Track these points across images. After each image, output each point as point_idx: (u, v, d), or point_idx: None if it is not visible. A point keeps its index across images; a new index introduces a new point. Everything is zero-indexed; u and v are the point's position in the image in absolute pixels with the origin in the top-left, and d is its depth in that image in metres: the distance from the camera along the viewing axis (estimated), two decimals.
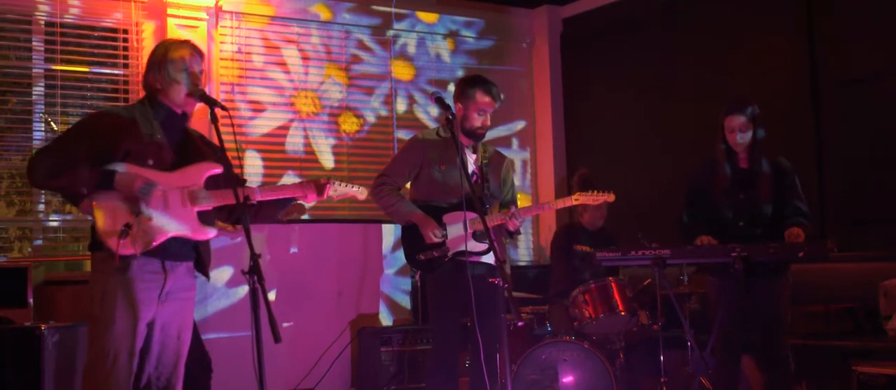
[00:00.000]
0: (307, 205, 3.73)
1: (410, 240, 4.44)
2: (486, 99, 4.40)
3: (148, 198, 3.28)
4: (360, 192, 3.82)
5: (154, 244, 3.29)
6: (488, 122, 4.47)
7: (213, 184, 3.48)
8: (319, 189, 3.62)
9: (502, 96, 4.51)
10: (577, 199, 4.52)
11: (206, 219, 3.46)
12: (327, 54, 6.76)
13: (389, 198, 4.46)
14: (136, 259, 3.28)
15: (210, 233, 3.46)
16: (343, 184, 3.72)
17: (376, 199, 4.50)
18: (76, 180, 3.24)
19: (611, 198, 4.51)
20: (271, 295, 5.80)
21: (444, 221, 4.36)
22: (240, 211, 3.57)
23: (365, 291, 6.51)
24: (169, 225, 3.33)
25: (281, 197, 3.63)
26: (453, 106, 4.41)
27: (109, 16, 5.97)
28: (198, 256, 3.52)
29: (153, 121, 3.41)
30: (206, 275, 3.56)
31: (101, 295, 3.27)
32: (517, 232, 4.49)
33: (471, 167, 4.45)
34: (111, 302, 3.24)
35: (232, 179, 3.44)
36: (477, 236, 4.33)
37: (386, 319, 6.58)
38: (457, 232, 4.32)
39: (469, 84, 4.46)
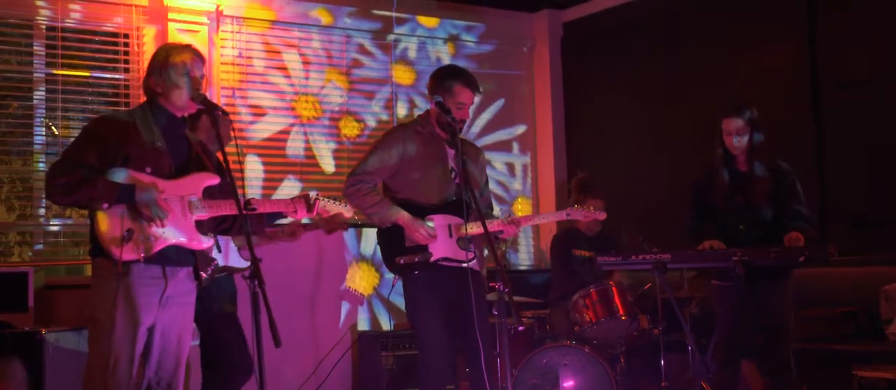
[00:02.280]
0: (297, 220, 3.76)
1: (388, 243, 4.22)
2: (466, 92, 4.19)
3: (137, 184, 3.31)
4: (348, 210, 3.84)
5: (154, 251, 3.30)
6: (468, 116, 4.28)
7: (208, 194, 3.50)
8: (309, 205, 3.67)
9: (481, 88, 4.29)
10: (568, 214, 4.50)
11: (201, 228, 3.48)
12: (328, 59, 6.76)
13: (368, 199, 4.18)
14: (137, 264, 3.29)
15: (205, 242, 3.47)
16: (331, 202, 3.76)
17: (352, 201, 4.16)
18: (96, 195, 3.25)
19: (602, 216, 4.55)
20: (271, 300, 5.80)
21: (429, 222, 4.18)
22: (230, 222, 3.66)
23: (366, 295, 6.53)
24: (168, 232, 3.34)
25: (273, 210, 3.66)
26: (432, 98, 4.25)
27: (110, 20, 5.97)
28: (195, 261, 3.53)
29: (153, 127, 3.42)
30: (200, 280, 3.56)
31: (102, 301, 3.27)
32: (506, 239, 4.41)
33: (450, 163, 4.25)
34: (112, 307, 3.24)
35: (229, 190, 3.46)
36: (461, 243, 4.17)
37: (386, 323, 6.58)
38: (441, 236, 4.15)
39: (446, 76, 4.23)
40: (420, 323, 4.20)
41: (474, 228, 4.11)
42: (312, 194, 3.70)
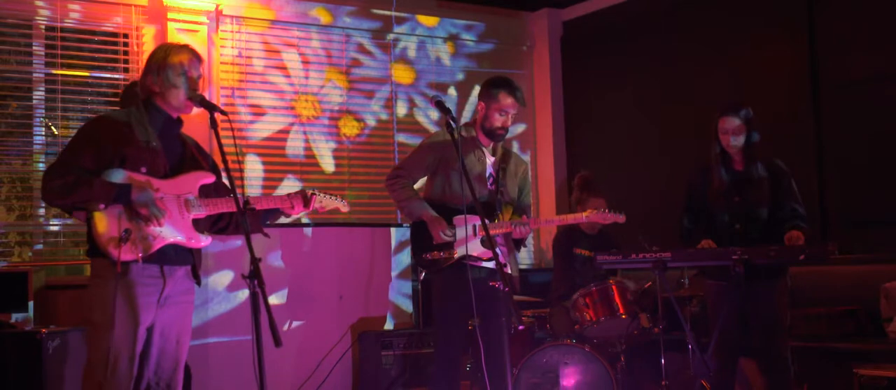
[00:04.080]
0: (295, 216, 3.76)
1: (419, 239, 4.41)
2: (509, 100, 4.36)
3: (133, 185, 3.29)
4: (344, 206, 3.86)
5: (152, 250, 3.30)
6: (509, 124, 4.42)
7: (203, 192, 3.50)
8: (306, 201, 3.68)
9: (525, 101, 4.48)
10: (587, 216, 4.49)
11: (198, 226, 3.48)
12: (328, 58, 6.76)
13: (403, 193, 4.42)
14: (136, 264, 3.28)
15: (203, 241, 3.47)
16: (328, 197, 3.77)
17: (390, 192, 4.49)
18: (93, 196, 3.24)
19: (621, 219, 4.46)
20: (272, 300, 5.80)
21: (455, 223, 4.32)
22: (227, 220, 3.65)
23: (366, 295, 6.50)
24: (165, 231, 3.34)
25: (269, 207, 3.66)
26: (476, 106, 4.45)
27: (110, 20, 5.97)
28: (193, 260, 3.52)
29: (148, 126, 3.41)
30: (198, 280, 3.56)
31: (101, 301, 3.26)
32: (523, 241, 4.48)
33: (488, 169, 4.43)
34: (111, 307, 3.24)
35: (224, 189, 3.51)
36: (484, 241, 4.28)
37: (387, 323, 6.57)
38: (465, 234, 4.28)
39: (493, 84, 4.42)
40: (439, 319, 4.40)
41: (494, 229, 4.26)
42: (309, 191, 3.70)
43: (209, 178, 3.52)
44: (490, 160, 4.45)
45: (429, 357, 5.79)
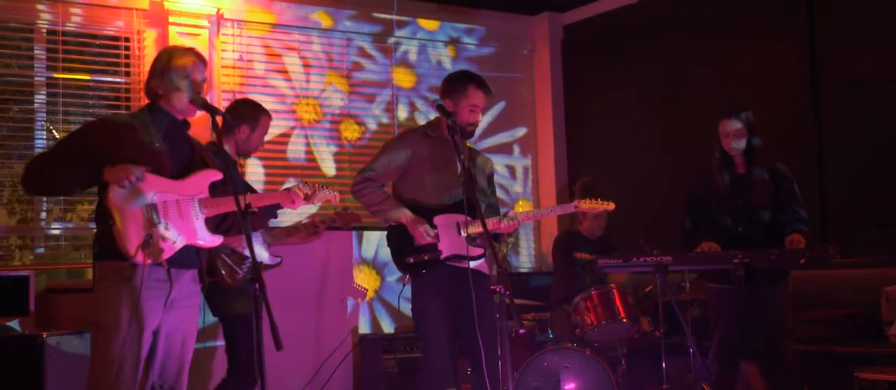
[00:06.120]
0: (295, 210, 3.79)
1: (397, 242, 4.27)
2: (479, 94, 4.22)
3: (144, 184, 3.31)
4: (335, 197, 3.82)
5: (164, 258, 3.30)
6: (479, 119, 4.31)
7: (213, 191, 3.50)
8: (306, 196, 3.67)
9: (491, 91, 4.33)
10: (576, 206, 4.46)
11: (210, 226, 3.49)
12: (328, 62, 6.77)
13: (374, 197, 4.25)
14: (144, 267, 3.27)
15: (218, 239, 3.48)
16: (322, 189, 3.76)
17: (358, 197, 4.30)
18: (62, 176, 3.30)
19: (610, 206, 4.42)
20: (272, 302, 5.79)
21: (435, 223, 4.20)
22: (230, 221, 3.63)
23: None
24: (185, 234, 3.35)
25: (270, 203, 3.68)
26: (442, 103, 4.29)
27: (111, 24, 5.98)
28: (200, 264, 3.53)
29: (152, 127, 3.41)
30: (205, 282, 3.57)
31: (107, 305, 3.26)
32: (503, 236, 4.41)
33: (458, 166, 4.22)
34: (117, 310, 3.24)
35: (230, 190, 3.50)
36: (471, 240, 4.19)
37: (388, 327, 6.58)
38: (449, 235, 4.19)
39: (460, 79, 4.28)
40: (424, 323, 4.23)
41: (479, 227, 4.11)
42: (291, 182, 3.69)
43: (217, 175, 3.51)
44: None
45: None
